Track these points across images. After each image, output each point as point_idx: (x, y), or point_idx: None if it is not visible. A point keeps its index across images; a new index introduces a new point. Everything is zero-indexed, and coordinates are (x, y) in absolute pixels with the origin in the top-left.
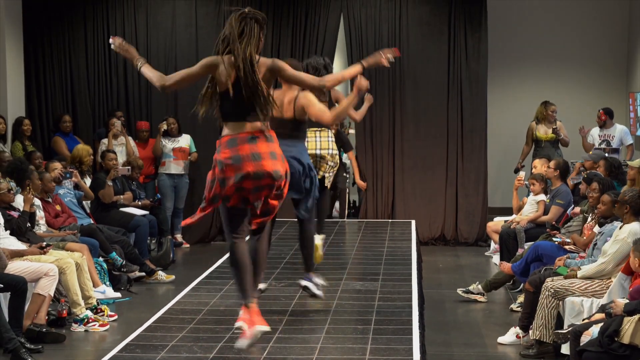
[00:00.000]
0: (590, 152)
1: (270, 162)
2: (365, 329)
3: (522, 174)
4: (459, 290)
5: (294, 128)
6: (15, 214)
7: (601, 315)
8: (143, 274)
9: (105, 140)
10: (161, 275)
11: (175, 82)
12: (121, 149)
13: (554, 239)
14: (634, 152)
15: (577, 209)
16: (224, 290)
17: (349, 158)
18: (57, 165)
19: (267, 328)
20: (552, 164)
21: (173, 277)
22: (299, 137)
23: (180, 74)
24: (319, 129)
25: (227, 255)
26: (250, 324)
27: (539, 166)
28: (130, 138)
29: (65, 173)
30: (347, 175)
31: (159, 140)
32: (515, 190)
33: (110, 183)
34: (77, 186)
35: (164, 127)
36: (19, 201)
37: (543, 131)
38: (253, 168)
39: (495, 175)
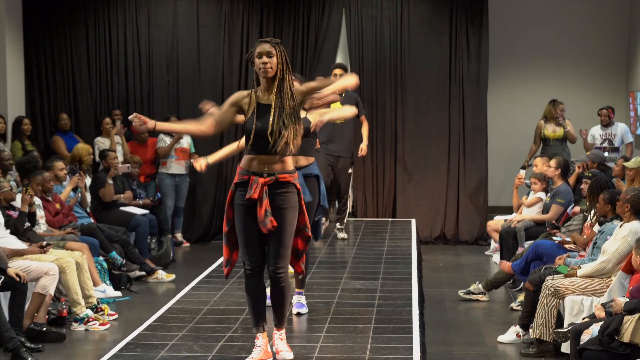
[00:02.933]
0: (588, 153)
1: None
2: (365, 328)
3: (522, 172)
4: (460, 292)
5: None
6: (14, 213)
7: (602, 310)
8: (143, 273)
9: (100, 139)
10: (161, 274)
11: None
12: (118, 148)
13: (554, 237)
14: (633, 151)
15: (577, 209)
16: (224, 290)
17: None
18: (62, 164)
19: None
20: (552, 162)
21: (173, 276)
22: None
23: None
24: None
25: None
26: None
27: (540, 165)
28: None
29: (69, 173)
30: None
31: (173, 143)
32: (516, 188)
33: (110, 181)
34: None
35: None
36: (19, 200)
37: (551, 130)
38: None
39: (495, 174)
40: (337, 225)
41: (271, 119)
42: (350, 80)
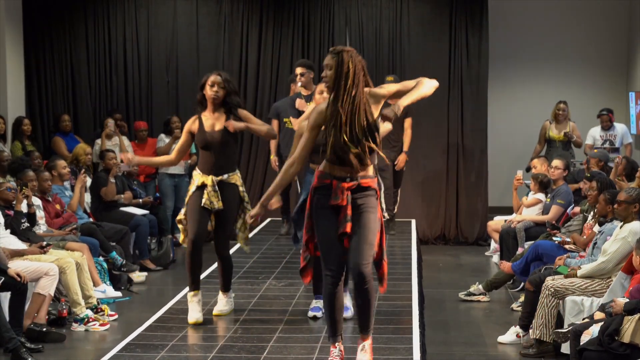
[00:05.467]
0: (595, 151)
1: None
2: None
3: (519, 173)
4: (461, 294)
5: None
6: (13, 213)
7: (602, 315)
8: (145, 273)
9: (98, 141)
10: (137, 273)
11: None
12: (115, 149)
13: (554, 238)
14: (632, 151)
15: (577, 209)
16: None
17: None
18: (64, 163)
19: None
20: (560, 164)
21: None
22: None
23: None
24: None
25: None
26: None
27: (539, 166)
28: (125, 138)
29: (83, 169)
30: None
31: (171, 143)
32: (515, 189)
33: (112, 180)
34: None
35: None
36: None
37: (556, 131)
38: None
39: (496, 175)
40: None
41: (343, 133)
42: (430, 88)
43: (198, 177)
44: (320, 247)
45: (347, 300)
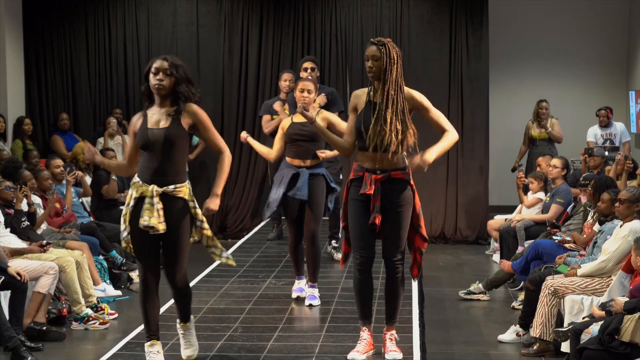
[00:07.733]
0: (595, 149)
1: None
2: None
3: (521, 172)
4: (461, 293)
5: None
6: (13, 212)
7: (601, 313)
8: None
9: (101, 139)
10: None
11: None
12: (118, 148)
13: (554, 237)
14: (631, 149)
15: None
16: (224, 289)
17: None
18: (59, 162)
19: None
20: (558, 162)
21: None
22: None
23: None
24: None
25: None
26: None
27: (544, 164)
28: (127, 136)
29: (69, 167)
30: None
31: None
32: (519, 188)
33: (114, 177)
34: (77, 183)
35: None
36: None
37: (538, 130)
38: None
39: (494, 174)
40: (333, 243)
41: (373, 118)
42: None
43: (137, 187)
44: (351, 234)
45: (316, 291)
